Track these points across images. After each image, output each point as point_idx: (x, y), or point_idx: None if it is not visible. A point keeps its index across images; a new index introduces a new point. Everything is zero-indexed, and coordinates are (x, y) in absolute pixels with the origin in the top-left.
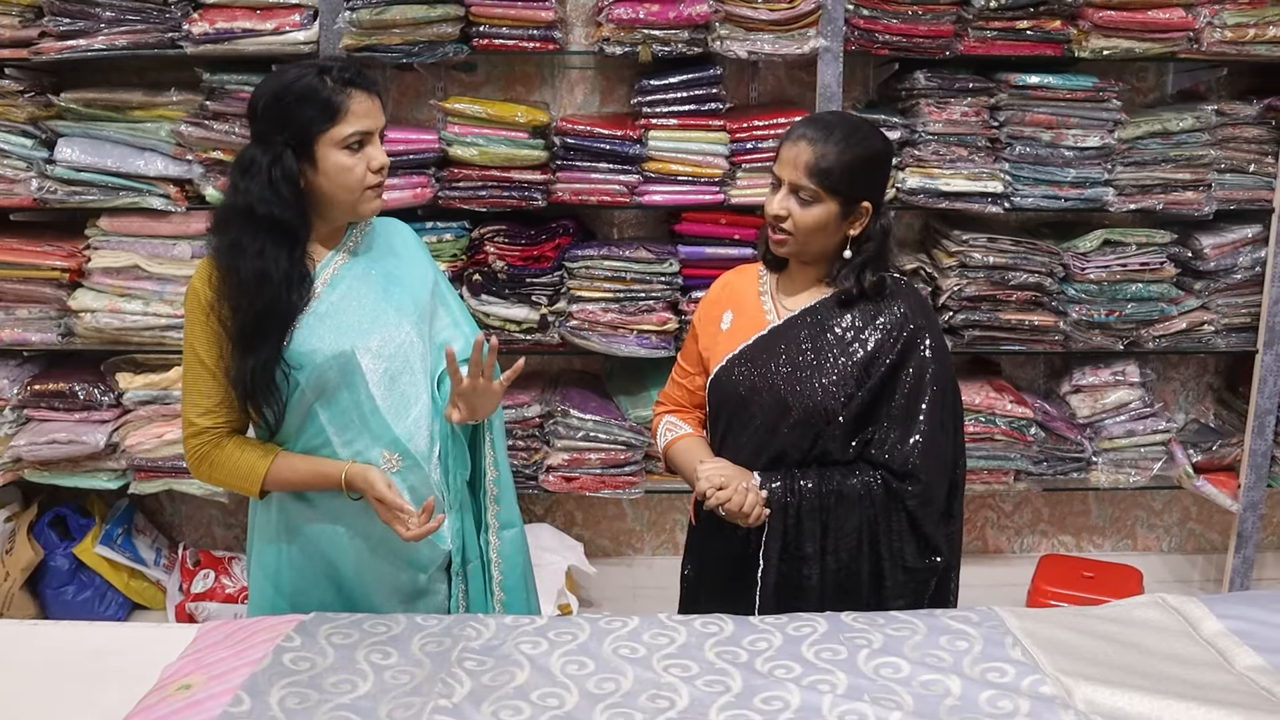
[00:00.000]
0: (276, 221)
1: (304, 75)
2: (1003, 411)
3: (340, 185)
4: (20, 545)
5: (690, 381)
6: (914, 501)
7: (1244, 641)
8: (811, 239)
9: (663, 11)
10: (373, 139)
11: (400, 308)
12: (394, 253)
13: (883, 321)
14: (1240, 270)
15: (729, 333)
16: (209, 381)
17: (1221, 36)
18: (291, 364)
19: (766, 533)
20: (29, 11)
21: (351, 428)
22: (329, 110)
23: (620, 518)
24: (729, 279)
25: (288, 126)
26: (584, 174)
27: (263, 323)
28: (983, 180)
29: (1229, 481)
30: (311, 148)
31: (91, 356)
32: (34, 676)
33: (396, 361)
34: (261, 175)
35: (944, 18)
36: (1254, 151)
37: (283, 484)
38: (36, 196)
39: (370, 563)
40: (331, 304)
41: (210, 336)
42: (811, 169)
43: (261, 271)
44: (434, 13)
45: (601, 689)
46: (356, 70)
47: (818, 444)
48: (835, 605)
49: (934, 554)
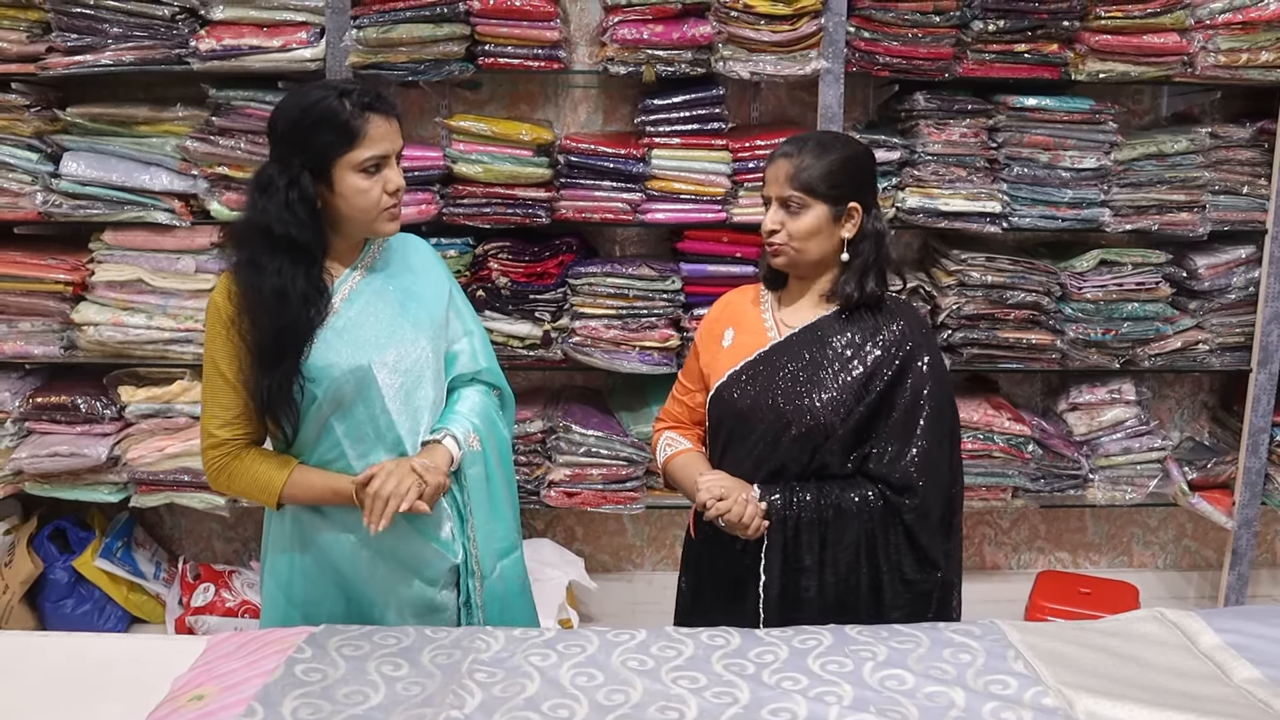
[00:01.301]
0: (293, 241)
1: (325, 98)
2: (1000, 429)
3: (356, 207)
4: (20, 558)
5: (691, 398)
6: (911, 515)
7: (1241, 655)
8: (806, 246)
9: (666, 32)
10: (389, 162)
11: (416, 323)
12: (410, 268)
13: (882, 338)
14: (1234, 290)
15: (730, 349)
16: (229, 394)
17: (1215, 61)
18: (308, 378)
19: (767, 545)
20: (37, 27)
21: (366, 440)
22: (347, 134)
23: (621, 533)
24: (731, 298)
25: (306, 149)
26: (587, 192)
27: (281, 339)
28: (981, 200)
29: (1224, 499)
30: (329, 170)
31: (94, 370)
32: (41, 688)
33: (411, 376)
34: (279, 195)
35: (943, 40)
36: (1247, 173)
37: (299, 497)
38: (41, 210)
39: (380, 575)
40: (349, 319)
41: (231, 350)
42: (793, 178)
43: (279, 289)
44: (440, 32)
45: (611, 700)
46: (376, 95)
47: (816, 458)
48: (835, 617)
49: (932, 568)
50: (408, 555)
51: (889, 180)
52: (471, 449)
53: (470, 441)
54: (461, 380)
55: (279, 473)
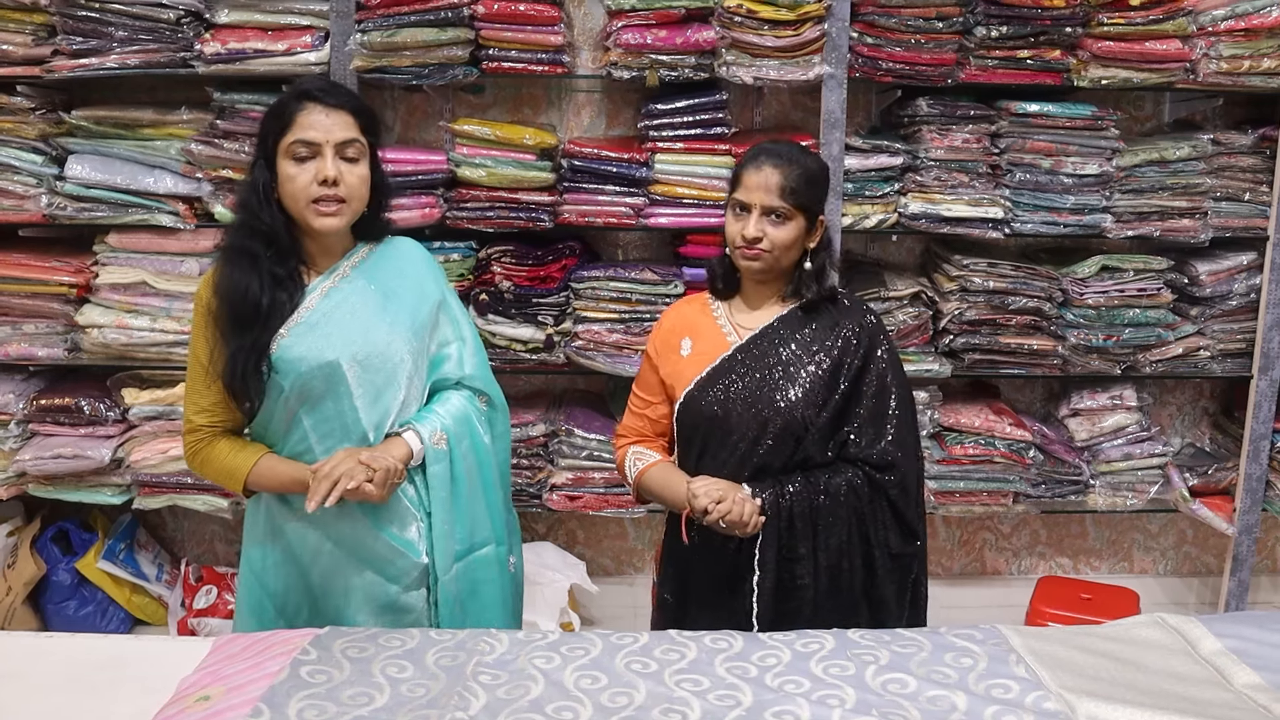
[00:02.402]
0: (255, 228)
1: (286, 92)
2: (1002, 434)
3: (288, 195)
4: (23, 560)
5: (652, 410)
6: (895, 491)
7: (1242, 660)
8: (785, 255)
9: (670, 37)
10: (322, 151)
11: (394, 324)
12: (399, 271)
13: (842, 330)
14: (1235, 296)
15: (691, 358)
16: (205, 382)
17: (1217, 68)
18: (277, 370)
19: (761, 539)
20: (42, 30)
21: (333, 436)
22: (281, 119)
23: (622, 537)
24: (678, 308)
25: (261, 139)
26: (590, 196)
27: (240, 316)
28: (983, 206)
29: (1224, 505)
30: (274, 158)
31: (98, 372)
32: (47, 689)
33: (382, 375)
34: (244, 184)
35: (946, 46)
36: (1249, 180)
37: (264, 484)
38: (46, 212)
39: (340, 570)
40: (323, 315)
41: (209, 339)
42: (784, 190)
43: (241, 271)
44: (444, 36)
45: (615, 703)
46: (323, 85)
47: (798, 450)
48: (827, 600)
49: (914, 537)
50: (367, 552)
51: (891, 186)
52: (436, 447)
53: (435, 440)
54: (446, 384)
55: (246, 460)
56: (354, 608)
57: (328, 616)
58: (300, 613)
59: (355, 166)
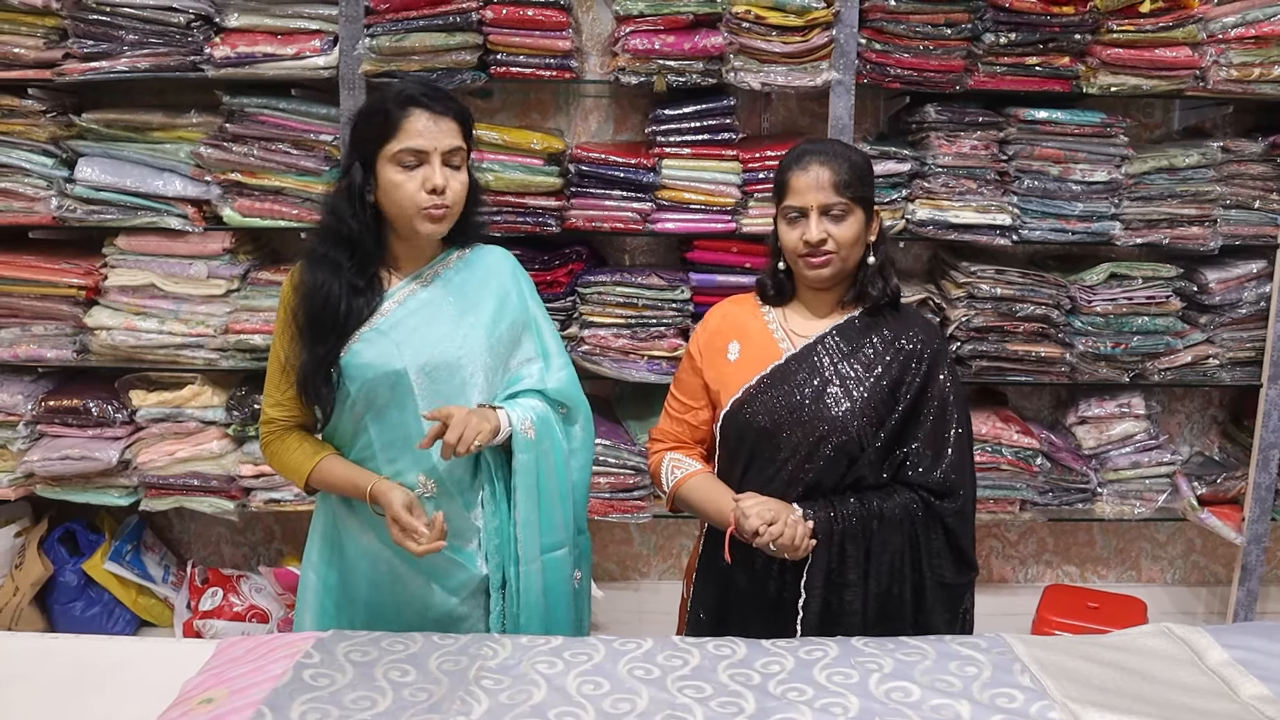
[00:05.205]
0: (342, 234)
1: (383, 95)
2: (1009, 442)
3: (393, 202)
4: (30, 560)
5: (693, 416)
6: (953, 519)
7: (1249, 671)
8: (851, 253)
9: (678, 43)
10: (430, 159)
11: (468, 336)
12: (483, 282)
13: (903, 344)
14: (1245, 305)
15: (739, 364)
16: (282, 377)
17: (1227, 75)
18: (346, 374)
19: (810, 562)
20: (54, 33)
21: (396, 446)
22: (385, 127)
23: (627, 542)
24: (726, 309)
25: (358, 143)
26: (598, 201)
27: (318, 324)
28: (991, 213)
29: (1233, 514)
30: (374, 163)
31: (106, 374)
32: (52, 690)
33: (450, 388)
34: (337, 190)
35: (954, 53)
36: (1259, 188)
37: (324, 484)
38: (56, 215)
39: (398, 577)
40: (396, 322)
41: (288, 336)
42: (839, 185)
43: (323, 278)
44: (452, 40)
45: (617, 709)
46: (431, 92)
47: (852, 470)
48: (875, 627)
49: (969, 567)
50: (426, 563)
51: (899, 192)
52: (525, 435)
53: (525, 428)
54: (526, 394)
55: (310, 458)
56: (411, 614)
57: (385, 620)
58: (358, 614)
59: (459, 173)
